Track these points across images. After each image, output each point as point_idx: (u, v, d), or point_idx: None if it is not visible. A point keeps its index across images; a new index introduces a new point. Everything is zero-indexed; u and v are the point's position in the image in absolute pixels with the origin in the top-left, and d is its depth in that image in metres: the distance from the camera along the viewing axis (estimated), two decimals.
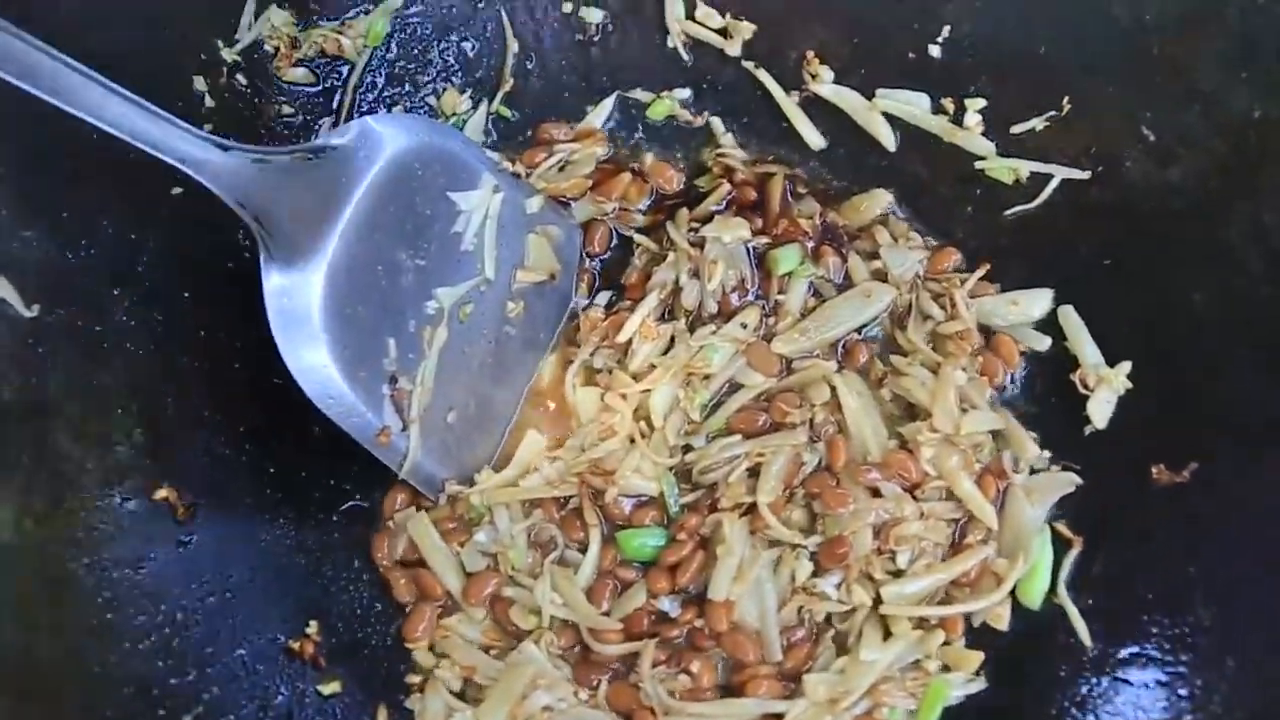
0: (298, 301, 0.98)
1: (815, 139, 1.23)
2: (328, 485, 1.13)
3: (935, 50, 1.15)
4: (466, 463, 1.12)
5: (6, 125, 0.92)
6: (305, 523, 1.10)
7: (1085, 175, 1.10)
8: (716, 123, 1.26)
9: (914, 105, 1.18)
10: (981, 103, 1.15)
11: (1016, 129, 1.14)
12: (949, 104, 1.17)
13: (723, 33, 1.21)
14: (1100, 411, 1.07)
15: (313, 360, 1.00)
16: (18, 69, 0.82)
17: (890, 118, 1.19)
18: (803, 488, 1.10)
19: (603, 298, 1.21)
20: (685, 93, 1.25)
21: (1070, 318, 1.11)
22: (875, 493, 1.07)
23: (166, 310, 1.05)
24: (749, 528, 1.08)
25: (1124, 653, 1.00)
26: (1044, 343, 1.13)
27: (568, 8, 1.22)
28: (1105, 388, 1.07)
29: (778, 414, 1.12)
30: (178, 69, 1.08)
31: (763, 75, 1.22)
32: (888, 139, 1.20)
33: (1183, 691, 0.96)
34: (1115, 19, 1.05)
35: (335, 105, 1.18)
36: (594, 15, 1.22)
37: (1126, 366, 1.07)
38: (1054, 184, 1.12)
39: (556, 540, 1.10)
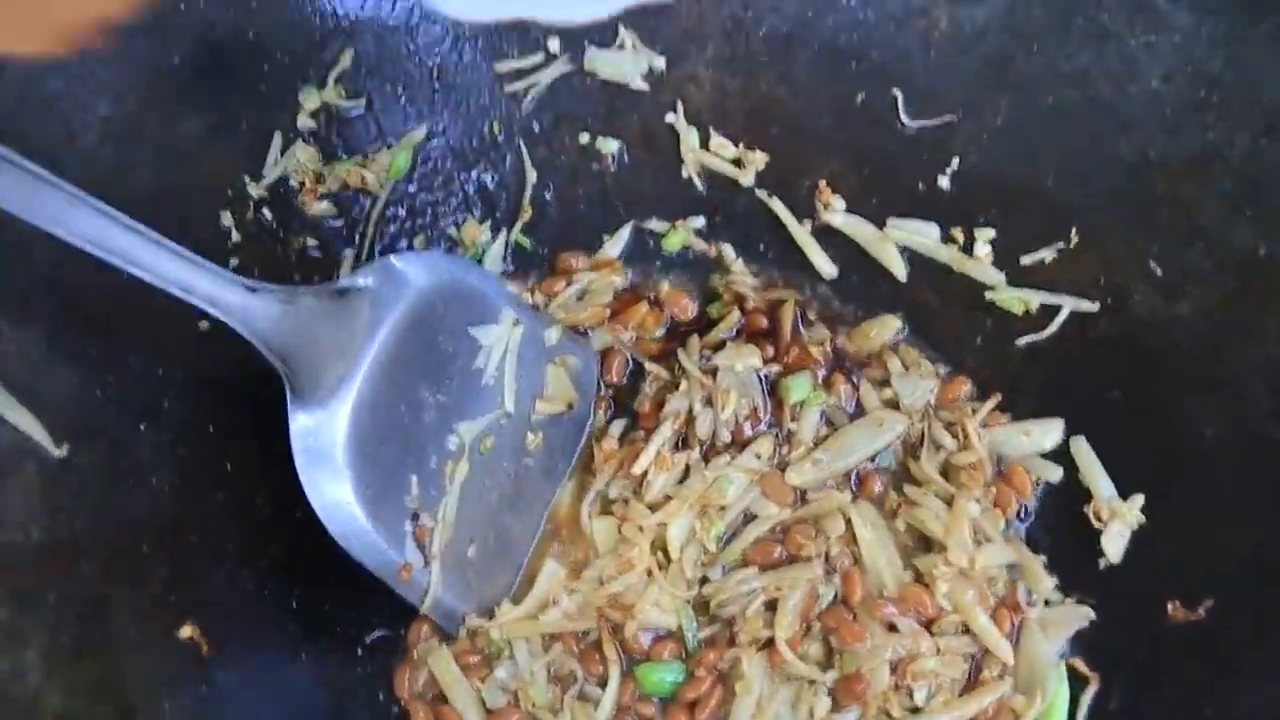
0: (322, 441, 1.00)
1: (828, 268, 1.25)
2: (351, 618, 1.13)
3: (944, 181, 1.17)
4: (486, 595, 1.13)
5: (40, 269, 0.95)
6: (328, 657, 1.11)
7: (1094, 307, 1.12)
8: (728, 250, 1.28)
9: (924, 235, 1.20)
10: (991, 233, 1.17)
11: (1025, 260, 1.15)
12: (959, 234, 1.19)
13: (736, 163, 1.24)
14: (1114, 546, 1.08)
15: (336, 499, 1.01)
16: (50, 216, 0.85)
17: (901, 246, 1.21)
18: (819, 621, 1.10)
19: (617, 426, 1.22)
20: (699, 221, 1.27)
21: (1083, 450, 1.12)
22: (892, 627, 1.08)
23: (192, 445, 1.06)
24: (767, 663, 1.08)
25: None
26: (1056, 473, 1.14)
27: (584, 139, 1.24)
28: (1119, 522, 1.08)
29: (793, 546, 1.12)
30: (207, 205, 1.11)
31: (776, 204, 1.24)
32: (899, 268, 1.22)
33: None
34: (1120, 155, 1.08)
35: (358, 237, 1.20)
36: (610, 146, 1.24)
37: (1140, 500, 1.08)
38: (1063, 315, 1.14)
39: (576, 674, 1.11)
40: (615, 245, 1.28)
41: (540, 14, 0.63)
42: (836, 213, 1.22)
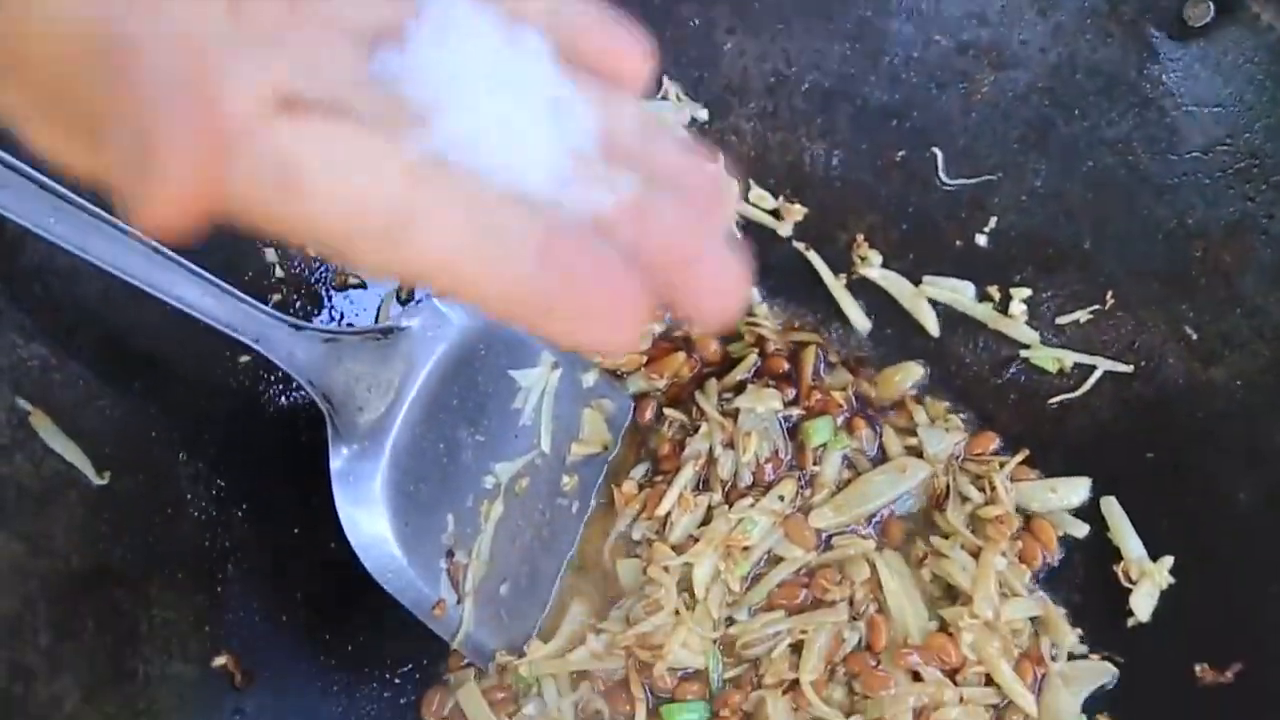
0: (362, 479, 1.01)
1: (862, 321, 1.25)
2: (383, 651, 1.14)
3: (982, 240, 1.18)
4: (516, 632, 1.13)
5: (87, 301, 0.96)
6: (360, 689, 1.11)
7: (1128, 369, 1.13)
8: (753, 292, 1.28)
9: (959, 293, 1.21)
10: (1026, 292, 1.18)
11: (1061, 319, 1.17)
12: (994, 292, 1.20)
13: (775, 214, 1.25)
14: (1143, 605, 1.08)
15: (374, 535, 1.02)
16: (103, 253, 0.86)
17: (935, 302, 1.22)
18: (843, 665, 1.11)
19: (638, 470, 1.21)
20: None
21: (1113, 509, 1.13)
22: (916, 676, 1.08)
23: (230, 475, 1.08)
24: (792, 705, 1.09)
25: None
26: (1082, 529, 1.14)
27: None
28: (1148, 582, 1.08)
29: (818, 590, 1.13)
30: (252, 241, 1.12)
31: (813, 257, 1.25)
32: (931, 324, 1.22)
33: None
34: (1158, 221, 1.08)
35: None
36: None
37: (1169, 561, 1.08)
38: (1096, 375, 1.15)
39: (603, 713, 1.11)
40: None
41: None
42: (873, 267, 1.23)
